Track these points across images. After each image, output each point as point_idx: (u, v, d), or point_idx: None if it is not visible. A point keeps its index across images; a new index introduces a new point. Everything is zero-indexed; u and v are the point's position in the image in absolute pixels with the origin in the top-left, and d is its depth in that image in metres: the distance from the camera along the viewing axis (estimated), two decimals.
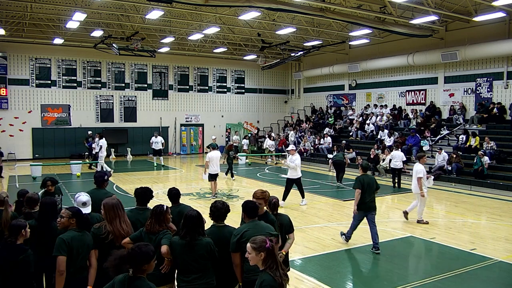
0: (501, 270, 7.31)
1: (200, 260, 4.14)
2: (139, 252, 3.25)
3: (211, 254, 4.19)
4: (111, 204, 4.53)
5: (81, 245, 4.20)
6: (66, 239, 4.13)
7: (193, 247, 4.12)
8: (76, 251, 4.16)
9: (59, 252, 4.08)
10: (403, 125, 21.29)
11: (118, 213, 4.50)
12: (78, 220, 4.30)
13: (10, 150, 22.42)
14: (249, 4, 14.45)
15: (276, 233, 4.50)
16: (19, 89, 23.23)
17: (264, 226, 4.49)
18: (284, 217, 5.24)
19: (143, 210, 5.04)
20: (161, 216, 4.42)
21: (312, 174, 19.28)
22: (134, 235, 4.43)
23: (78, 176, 17.45)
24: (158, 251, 4.20)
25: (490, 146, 16.18)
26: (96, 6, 17.67)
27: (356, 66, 24.15)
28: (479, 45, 18.12)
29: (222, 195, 13.68)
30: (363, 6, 16.48)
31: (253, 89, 30.50)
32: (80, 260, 4.21)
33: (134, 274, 3.25)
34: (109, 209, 4.51)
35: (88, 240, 4.30)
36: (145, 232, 4.40)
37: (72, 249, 4.13)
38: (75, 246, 4.15)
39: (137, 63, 26.19)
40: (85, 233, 4.33)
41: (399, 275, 6.97)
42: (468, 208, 12.33)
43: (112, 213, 4.49)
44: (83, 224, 4.33)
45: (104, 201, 4.59)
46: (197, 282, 4.14)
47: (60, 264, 4.07)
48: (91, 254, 4.32)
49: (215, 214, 4.53)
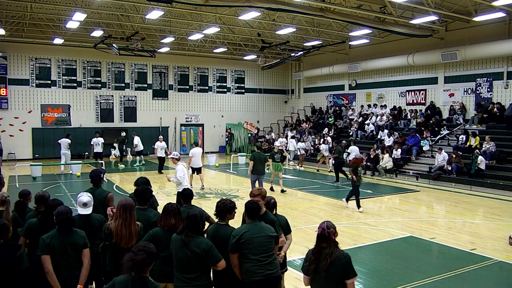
0: (501, 270, 7.31)
1: (193, 259, 4.08)
2: (145, 254, 3.27)
3: (207, 254, 4.10)
4: (120, 204, 4.58)
5: (63, 244, 4.22)
6: (45, 239, 4.21)
7: (186, 244, 4.10)
8: (59, 249, 4.19)
9: (41, 251, 4.18)
10: (403, 125, 21.30)
11: (123, 215, 4.51)
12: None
13: (10, 150, 22.43)
14: (249, 4, 14.45)
15: (275, 234, 4.49)
16: (19, 89, 23.23)
17: (264, 227, 4.47)
18: (281, 218, 5.22)
19: (143, 210, 5.07)
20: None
21: (312, 174, 19.29)
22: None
23: (78, 176, 17.45)
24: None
25: (489, 147, 16.17)
26: (96, 6, 17.67)
27: (356, 66, 24.14)
28: (479, 45, 18.12)
29: (222, 194, 13.68)
30: (363, 6, 16.47)
31: (253, 89, 30.49)
32: (65, 258, 4.23)
33: (138, 275, 3.24)
34: (118, 208, 4.57)
35: (76, 239, 4.32)
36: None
37: (54, 248, 4.18)
38: (57, 245, 4.19)
39: (137, 63, 26.19)
40: (74, 232, 4.34)
41: (399, 275, 6.96)
42: (468, 208, 12.33)
43: (118, 212, 4.56)
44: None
45: (120, 200, 4.67)
46: (192, 283, 4.10)
47: (43, 263, 4.15)
48: (83, 254, 4.33)
49: (220, 211, 4.54)
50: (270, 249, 4.35)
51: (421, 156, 18.81)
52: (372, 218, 10.93)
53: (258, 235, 4.33)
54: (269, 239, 4.37)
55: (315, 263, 3.75)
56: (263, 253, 4.28)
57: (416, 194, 14.62)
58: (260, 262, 4.25)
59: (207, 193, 14.01)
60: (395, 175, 17.94)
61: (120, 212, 4.52)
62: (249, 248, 4.26)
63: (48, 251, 4.17)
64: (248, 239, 4.29)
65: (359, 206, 11.42)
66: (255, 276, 4.24)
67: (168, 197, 13.29)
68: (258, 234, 4.33)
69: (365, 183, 16.68)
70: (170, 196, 13.29)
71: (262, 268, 4.24)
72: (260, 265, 4.24)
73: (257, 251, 4.26)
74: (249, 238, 4.29)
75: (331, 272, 3.68)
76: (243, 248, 4.28)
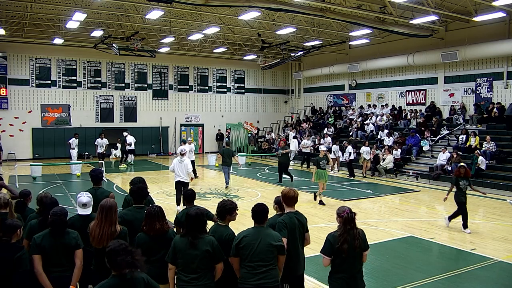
0: (501, 270, 7.31)
1: (202, 259, 4.05)
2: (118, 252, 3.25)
3: (215, 250, 4.09)
4: (99, 205, 4.51)
5: (54, 244, 4.22)
6: (36, 238, 4.23)
7: (195, 245, 4.06)
8: (50, 250, 4.20)
9: (32, 251, 4.20)
10: (403, 125, 21.30)
11: (99, 216, 4.44)
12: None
13: (10, 150, 22.44)
14: (249, 4, 14.45)
15: (279, 244, 4.24)
16: (19, 89, 23.23)
17: (268, 233, 4.26)
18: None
19: (140, 209, 5.07)
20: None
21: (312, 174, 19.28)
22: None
23: (78, 176, 17.45)
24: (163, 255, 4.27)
25: (489, 147, 16.17)
26: (96, 6, 17.67)
27: (356, 66, 24.14)
28: (479, 45, 18.12)
29: (222, 195, 13.68)
30: (363, 6, 16.48)
31: (253, 89, 30.49)
32: (57, 258, 4.24)
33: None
34: (98, 208, 4.51)
35: (68, 240, 4.32)
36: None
37: (45, 248, 4.19)
38: (48, 245, 4.20)
39: (137, 63, 26.19)
40: (66, 233, 4.34)
41: (399, 275, 6.96)
42: (468, 208, 12.26)
43: (97, 213, 4.49)
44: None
45: (102, 201, 4.61)
46: (195, 283, 4.06)
47: (33, 263, 4.16)
48: (76, 255, 4.33)
49: (220, 212, 4.51)
50: (269, 259, 4.15)
51: (421, 156, 18.81)
52: (372, 218, 10.94)
53: (258, 241, 4.16)
54: (270, 248, 4.15)
55: (347, 243, 4.26)
56: (260, 262, 4.11)
57: (416, 194, 14.63)
58: (254, 270, 4.10)
59: (207, 193, 14.01)
60: (395, 175, 17.94)
61: (98, 212, 4.48)
62: (246, 254, 4.15)
63: (39, 251, 4.18)
64: (246, 245, 4.16)
65: (465, 227, 9.64)
66: (246, 284, 4.13)
67: (168, 197, 13.29)
68: (258, 241, 4.16)
69: (365, 183, 16.73)
70: (170, 196, 13.30)
71: (255, 277, 4.09)
72: (254, 273, 4.10)
73: (254, 259, 4.12)
74: (248, 243, 4.16)
75: (361, 248, 4.36)
76: (241, 253, 4.18)
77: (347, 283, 4.31)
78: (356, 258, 4.35)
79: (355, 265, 4.37)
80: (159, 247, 4.36)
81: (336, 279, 4.35)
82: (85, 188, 6.77)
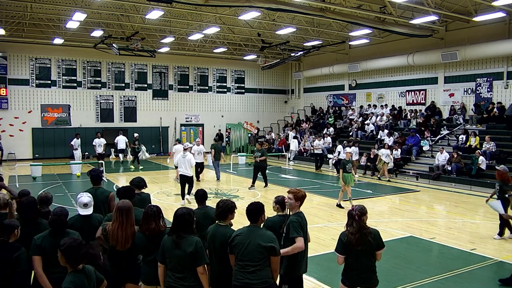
0: (501, 270, 7.30)
1: (185, 258, 4.05)
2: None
3: (198, 252, 4.06)
4: (117, 207, 4.55)
5: (54, 244, 4.19)
6: (36, 239, 4.24)
7: (178, 244, 4.07)
8: (50, 250, 4.19)
9: (32, 252, 4.20)
10: (403, 125, 21.30)
11: (120, 218, 4.47)
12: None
13: (10, 150, 22.43)
14: (249, 4, 14.45)
15: (270, 245, 4.15)
16: (19, 89, 23.23)
17: (260, 234, 4.22)
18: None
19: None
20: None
21: (312, 174, 19.29)
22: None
23: (78, 176, 17.45)
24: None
25: (489, 147, 16.16)
26: (96, 6, 17.66)
27: (356, 66, 24.15)
28: (479, 45, 18.12)
29: (222, 195, 13.68)
30: (363, 6, 16.48)
31: (253, 89, 30.49)
32: (56, 259, 4.17)
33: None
34: (115, 211, 4.54)
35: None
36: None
37: (45, 249, 4.19)
38: (48, 246, 4.20)
39: (137, 63, 26.19)
40: (67, 234, 4.32)
41: (399, 275, 6.96)
42: (468, 208, 12.33)
43: (115, 215, 4.52)
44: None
45: (118, 202, 4.66)
46: (180, 282, 4.07)
47: (34, 264, 4.17)
48: None
49: (222, 211, 4.50)
50: (257, 259, 4.11)
51: (421, 156, 18.81)
52: (372, 218, 10.88)
53: (248, 241, 4.15)
54: (259, 248, 4.11)
55: (352, 236, 4.47)
56: (248, 261, 4.11)
57: (416, 194, 14.63)
58: (242, 269, 4.13)
59: (207, 193, 13.96)
60: (395, 175, 17.94)
61: (117, 215, 4.48)
62: (237, 252, 4.18)
63: (39, 252, 4.18)
64: (237, 243, 4.19)
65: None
66: (236, 281, 4.18)
67: (168, 197, 13.29)
68: (249, 241, 4.15)
69: (365, 183, 16.72)
70: (170, 196, 13.30)
71: (243, 276, 4.12)
72: (242, 272, 4.13)
73: (244, 258, 4.13)
74: (239, 242, 4.18)
75: (373, 246, 4.55)
76: (234, 251, 4.23)
77: (360, 277, 4.58)
78: (368, 256, 4.56)
79: (367, 263, 4.58)
80: (154, 247, 4.34)
81: (350, 276, 4.63)
82: (85, 188, 6.78)
